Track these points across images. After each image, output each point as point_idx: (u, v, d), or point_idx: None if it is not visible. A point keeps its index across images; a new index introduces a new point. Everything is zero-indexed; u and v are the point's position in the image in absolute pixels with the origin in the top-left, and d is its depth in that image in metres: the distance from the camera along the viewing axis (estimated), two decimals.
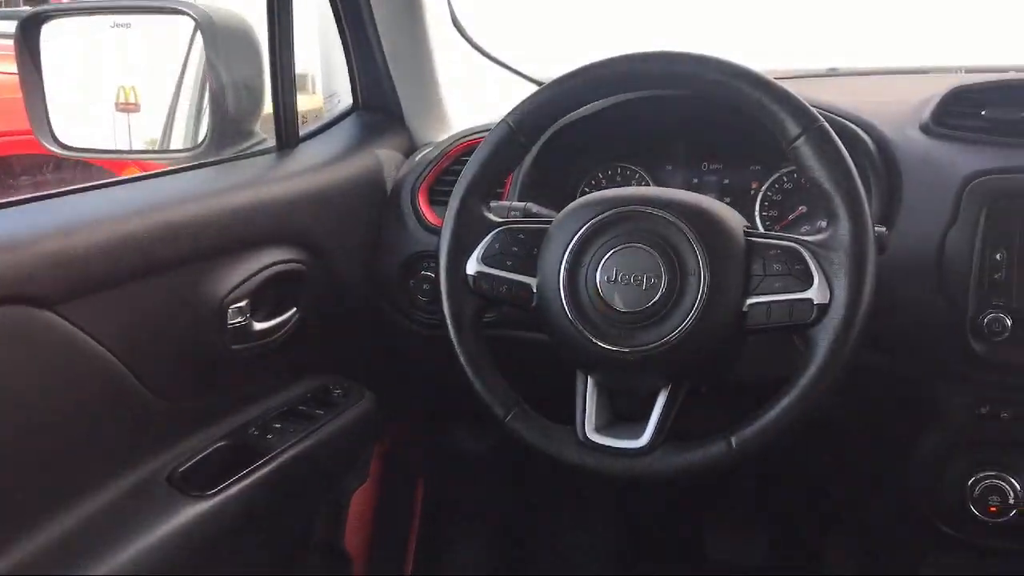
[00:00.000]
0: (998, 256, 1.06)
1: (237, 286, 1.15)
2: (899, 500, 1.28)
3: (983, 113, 1.13)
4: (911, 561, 1.29)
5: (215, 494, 1.10)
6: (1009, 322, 1.05)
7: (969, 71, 1.56)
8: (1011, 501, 1.13)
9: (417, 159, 1.46)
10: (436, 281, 1.06)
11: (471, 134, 1.41)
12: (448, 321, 1.04)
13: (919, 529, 1.26)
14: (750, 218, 1.33)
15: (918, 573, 1.28)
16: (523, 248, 1.03)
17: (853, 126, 1.19)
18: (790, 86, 0.97)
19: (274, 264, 1.21)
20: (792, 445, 0.92)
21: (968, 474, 1.15)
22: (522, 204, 1.17)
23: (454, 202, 1.06)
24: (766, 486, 1.60)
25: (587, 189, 1.42)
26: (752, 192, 1.34)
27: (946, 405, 1.15)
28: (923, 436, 1.18)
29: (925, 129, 1.17)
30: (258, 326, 1.19)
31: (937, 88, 1.21)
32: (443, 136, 1.49)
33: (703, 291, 0.93)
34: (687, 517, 1.80)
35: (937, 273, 1.09)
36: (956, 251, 1.08)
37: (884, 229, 1.01)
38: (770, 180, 1.33)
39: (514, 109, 1.05)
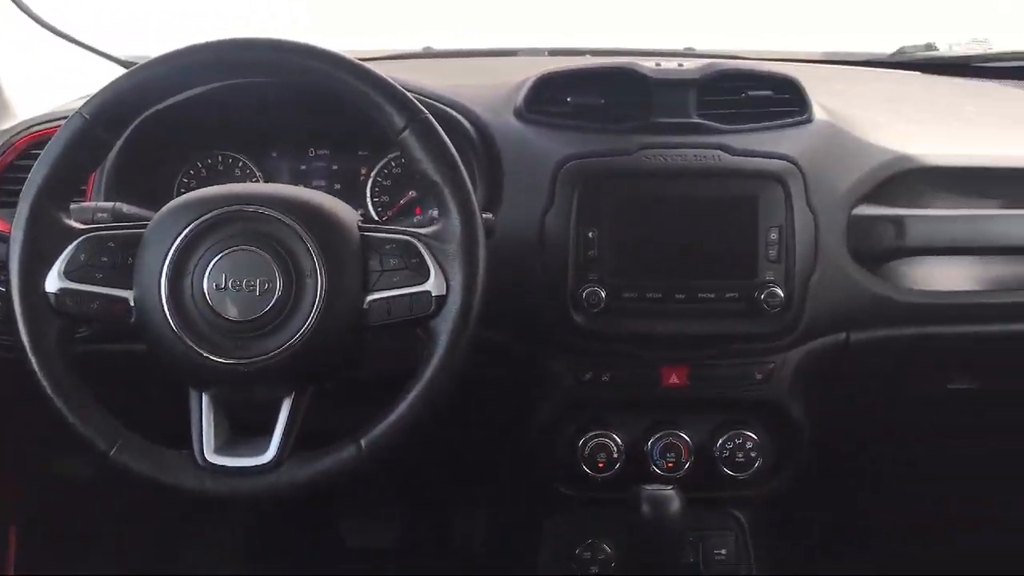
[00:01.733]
0: (591, 235, 1.14)
1: None
2: (520, 467, 1.35)
3: (568, 100, 1.20)
4: (535, 523, 1.37)
5: None
6: (603, 294, 1.14)
7: (553, 53, 1.67)
8: (615, 455, 1.23)
9: None
10: (8, 299, 0.91)
11: (41, 123, 1.23)
12: (26, 347, 0.90)
13: (539, 492, 1.34)
14: (362, 205, 1.32)
15: (541, 532, 1.37)
16: (114, 257, 0.92)
17: (454, 113, 1.21)
18: (386, 68, 0.96)
19: None
20: None
21: (578, 436, 1.24)
22: (110, 205, 1.05)
23: (24, 207, 0.92)
24: (397, 467, 1.61)
25: (186, 181, 1.31)
26: (362, 178, 1.33)
27: (556, 374, 1.22)
28: (538, 405, 1.25)
29: (519, 115, 1.22)
30: None
31: (527, 72, 1.26)
32: (5, 125, 1.28)
33: (321, 292, 0.89)
34: (321, 505, 1.77)
35: (539, 253, 1.15)
36: (554, 232, 1.15)
37: (491, 215, 1.05)
38: (379, 166, 1.32)
39: (91, 98, 0.93)
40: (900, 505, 1.84)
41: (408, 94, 0.94)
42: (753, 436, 1.24)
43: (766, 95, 1.21)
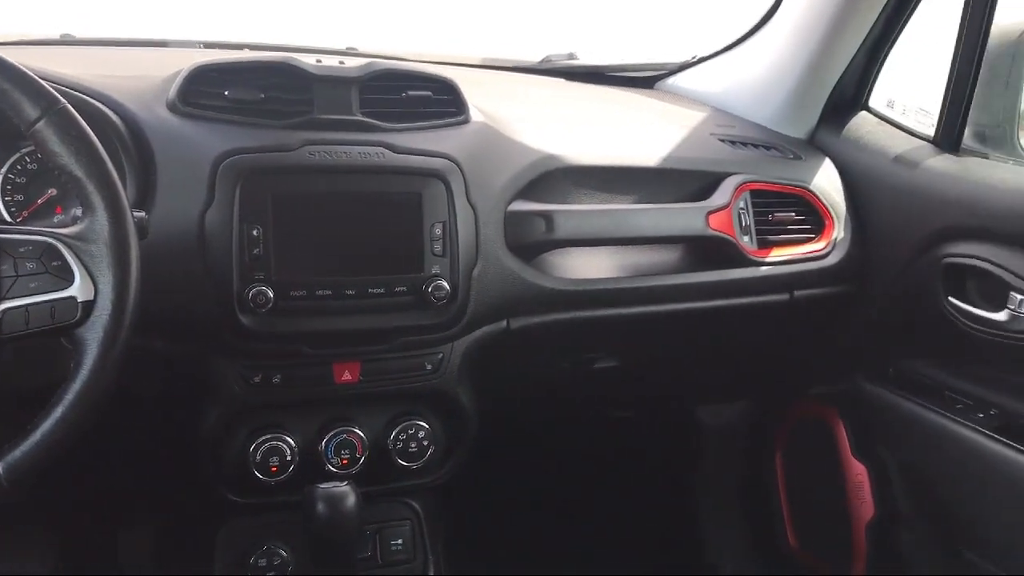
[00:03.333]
0: (255, 232, 1.11)
1: None
2: (186, 476, 1.29)
3: (226, 93, 1.16)
4: (207, 533, 1.32)
5: None
6: (271, 294, 1.11)
7: (208, 46, 1.60)
8: (288, 458, 1.21)
9: None
10: None
11: None
12: None
13: (208, 501, 1.29)
14: None
15: (214, 543, 1.31)
16: None
17: (99, 104, 1.12)
18: (20, 54, 0.89)
19: None
20: None
21: (249, 440, 1.21)
22: None
23: None
24: (42, 493, 1.46)
25: None
26: None
27: (222, 379, 1.18)
28: (203, 411, 1.20)
29: (173, 108, 1.16)
30: None
31: (179, 64, 1.21)
32: None
33: None
34: None
35: (200, 253, 1.10)
36: (216, 230, 1.10)
37: (143, 214, 0.99)
38: (10, 161, 1.19)
39: None
40: (563, 480, 1.99)
41: (41, 82, 0.86)
42: (425, 426, 1.27)
43: (426, 95, 1.24)
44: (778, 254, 1.44)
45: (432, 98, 1.25)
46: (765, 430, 1.82)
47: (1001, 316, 1.29)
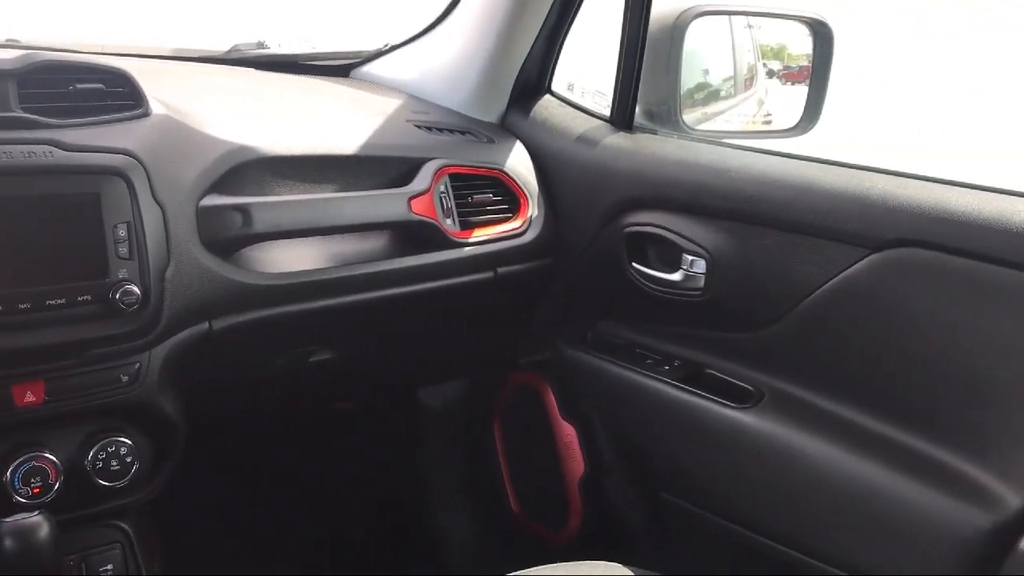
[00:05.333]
0: None
1: None
2: None
3: None
4: None
5: None
6: None
7: None
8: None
9: None
10: None
11: None
12: None
13: None
14: None
15: None
16: None
17: None
18: None
19: None
20: None
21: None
22: None
23: None
24: None
25: None
26: None
27: None
28: None
29: None
30: None
31: None
32: None
33: None
34: None
35: None
36: None
37: None
38: None
39: None
40: (291, 479, 1.95)
41: None
42: (127, 441, 1.19)
43: (97, 88, 1.16)
44: (480, 234, 1.50)
45: (105, 91, 1.16)
46: (483, 404, 1.89)
47: (676, 276, 1.43)
